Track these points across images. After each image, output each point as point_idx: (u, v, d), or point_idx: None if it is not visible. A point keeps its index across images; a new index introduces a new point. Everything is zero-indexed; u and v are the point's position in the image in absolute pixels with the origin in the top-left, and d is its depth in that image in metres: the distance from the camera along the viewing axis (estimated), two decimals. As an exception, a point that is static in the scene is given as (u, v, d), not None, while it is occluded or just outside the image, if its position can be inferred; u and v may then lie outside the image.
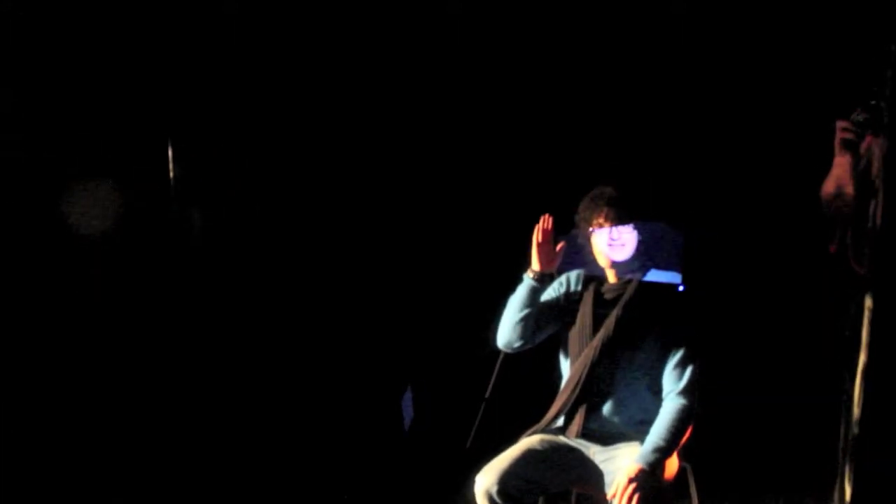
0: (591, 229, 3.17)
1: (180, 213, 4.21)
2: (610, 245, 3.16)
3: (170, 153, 4.16)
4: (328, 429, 4.36)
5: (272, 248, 4.32)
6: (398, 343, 4.39)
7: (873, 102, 2.75)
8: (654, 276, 3.17)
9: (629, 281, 3.18)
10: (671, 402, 3.07)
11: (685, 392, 3.06)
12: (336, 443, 4.31)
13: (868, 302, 2.43)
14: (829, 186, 2.92)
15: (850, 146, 2.78)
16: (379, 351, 4.41)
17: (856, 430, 2.46)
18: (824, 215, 2.93)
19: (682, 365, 3.09)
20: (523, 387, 3.87)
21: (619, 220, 3.15)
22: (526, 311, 3.19)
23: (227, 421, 4.26)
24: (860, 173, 2.85)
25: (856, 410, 2.43)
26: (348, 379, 4.40)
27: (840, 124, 2.76)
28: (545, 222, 3.14)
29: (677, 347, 3.10)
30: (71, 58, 4.10)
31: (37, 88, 4.08)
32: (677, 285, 3.17)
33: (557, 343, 3.31)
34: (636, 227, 3.16)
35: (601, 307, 3.19)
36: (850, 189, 2.78)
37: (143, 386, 4.23)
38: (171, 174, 4.16)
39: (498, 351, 3.54)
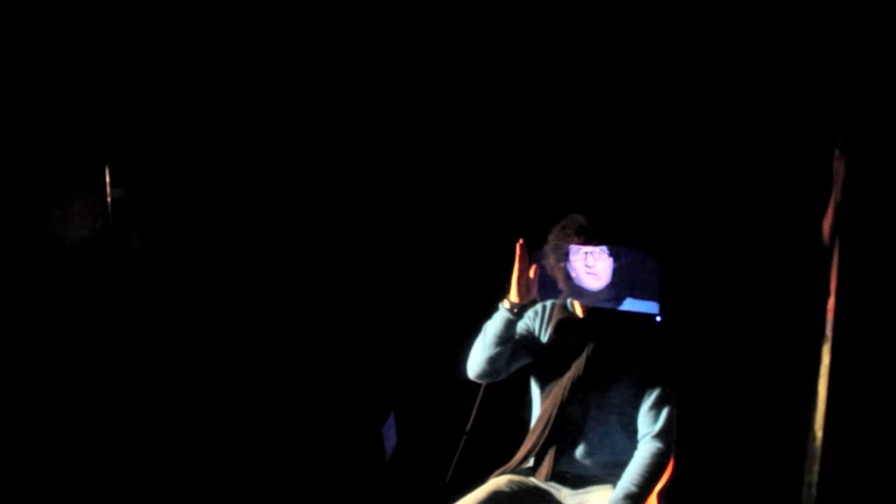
0: (562, 259, 2.96)
1: (118, 235, 4.09)
2: (587, 272, 2.95)
3: (107, 176, 4.04)
4: (299, 461, 4.21)
5: (216, 273, 4.17)
6: (374, 371, 4.22)
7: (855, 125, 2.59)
8: (630, 305, 2.94)
9: (603, 311, 2.96)
10: (646, 446, 2.87)
11: (661, 435, 2.86)
12: (309, 473, 4.17)
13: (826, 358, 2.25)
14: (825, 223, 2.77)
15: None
16: (354, 379, 4.25)
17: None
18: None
19: (657, 405, 2.88)
20: (506, 420, 3.69)
21: (591, 246, 2.94)
22: (500, 344, 2.99)
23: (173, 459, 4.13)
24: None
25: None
26: (322, 409, 4.24)
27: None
28: (521, 250, 2.93)
29: (653, 386, 2.89)
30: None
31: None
32: (654, 315, 2.94)
33: (525, 373, 3.11)
34: (610, 255, 2.95)
35: (573, 341, 2.98)
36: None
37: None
38: (109, 197, 4.04)
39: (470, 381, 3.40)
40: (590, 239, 2.93)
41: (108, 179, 4.03)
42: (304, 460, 4.19)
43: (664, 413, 2.87)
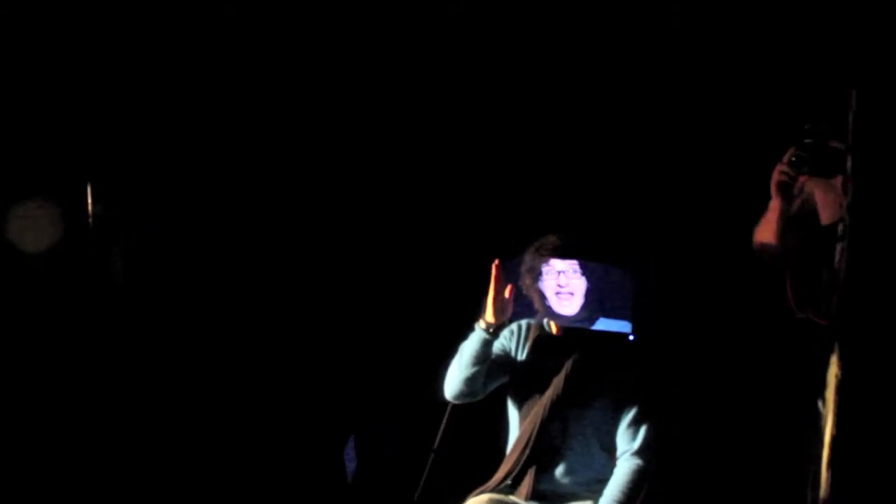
0: (537, 280, 3.02)
1: (99, 250, 4.03)
2: (557, 294, 3.01)
3: (89, 191, 3.98)
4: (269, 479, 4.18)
5: (197, 289, 4.13)
6: (342, 387, 4.21)
7: (807, 141, 2.65)
8: (603, 325, 3.01)
9: (578, 331, 3.02)
10: (625, 463, 2.94)
11: (640, 452, 2.93)
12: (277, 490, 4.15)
13: (835, 368, 2.30)
14: (758, 232, 2.82)
15: (785, 188, 2.68)
16: (322, 395, 4.24)
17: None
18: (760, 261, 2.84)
19: (636, 423, 2.95)
20: (474, 438, 3.72)
21: (564, 264, 3.01)
22: (477, 364, 3.03)
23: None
24: (794, 216, 2.75)
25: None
26: (290, 424, 4.22)
27: (778, 167, 2.67)
28: (497, 270, 2.97)
29: (631, 404, 2.96)
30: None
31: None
32: (627, 335, 3.01)
33: (501, 392, 3.15)
34: (583, 274, 3.01)
35: (550, 360, 3.04)
36: (772, 235, 2.69)
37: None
38: (90, 211, 3.98)
39: (446, 401, 3.43)
40: (563, 255, 2.99)
41: (93, 184, 3.97)
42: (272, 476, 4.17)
43: (643, 430, 2.94)
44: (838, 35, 3.47)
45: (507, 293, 2.99)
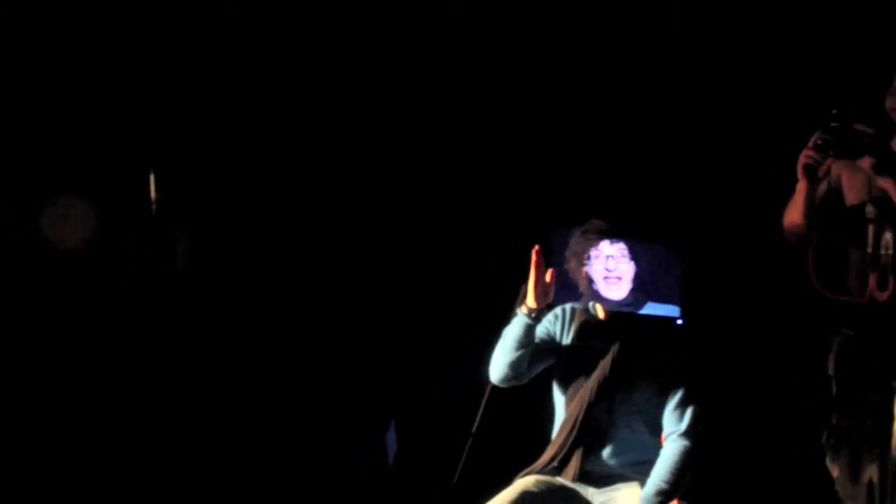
0: (584, 264, 3.04)
1: (161, 234, 4.05)
2: (605, 279, 3.03)
3: (151, 176, 4.00)
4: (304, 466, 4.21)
5: (254, 273, 4.16)
6: (381, 373, 4.24)
7: (834, 125, 2.68)
8: (651, 308, 3.03)
9: (625, 315, 3.05)
10: (673, 444, 2.96)
11: (687, 433, 2.96)
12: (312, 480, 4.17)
13: None
14: (787, 215, 2.86)
15: (811, 171, 2.72)
16: (359, 378, 4.26)
17: None
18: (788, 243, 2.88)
19: (682, 405, 2.98)
20: (512, 421, 3.75)
21: (612, 249, 3.03)
22: (520, 348, 3.05)
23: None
24: (821, 198, 2.78)
25: None
26: (328, 410, 4.25)
27: (804, 152, 2.70)
28: (537, 256, 3.00)
29: (677, 386, 2.99)
30: (52, 74, 3.94)
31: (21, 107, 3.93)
32: (675, 318, 3.04)
33: (548, 376, 3.18)
34: (631, 258, 3.03)
35: (596, 344, 3.06)
36: (800, 217, 2.73)
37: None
38: (153, 196, 4.00)
39: (484, 383, 3.44)
40: (612, 241, 3.01)
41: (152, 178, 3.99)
42: (310, 465, 4.18)
43: (689, 412, 2.97)
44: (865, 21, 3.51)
45: (548, 277, 3.01)
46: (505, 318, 3.13)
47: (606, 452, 3.02)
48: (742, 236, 3.80)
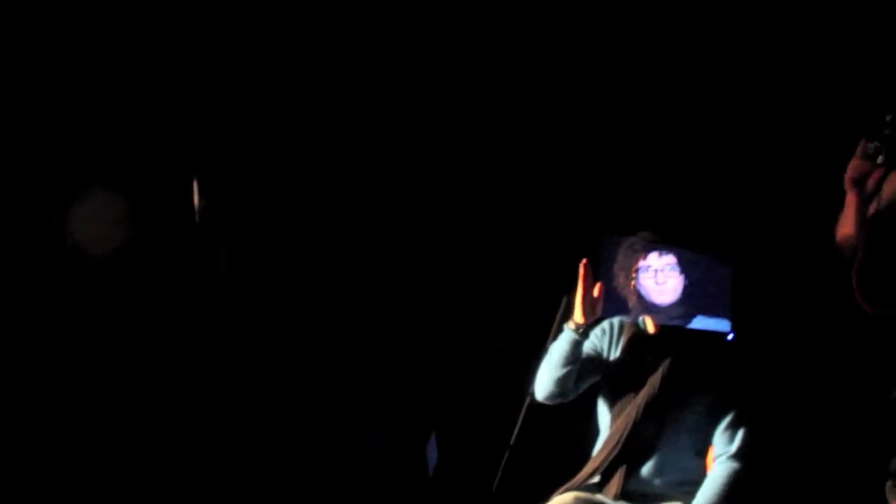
0: (632, 278, 2.94)
1: (203, 245, 4.02)
2: (656, 287, 2.93)
3: (195, 185, 3.97)
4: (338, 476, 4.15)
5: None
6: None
7: (887, 132, 2.56)
8: (701, 322, 2.92)
9: (675, 330, 2.94)
10: (722, 465, 2.86)
11: (738, 456, 2.85)
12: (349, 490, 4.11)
13: None
14: (839, 229, 2.74)
15: (859, 183, 2.60)
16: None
17: None
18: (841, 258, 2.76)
19: (734, 425, 2.87)
20: (551, 434, 3.66)
21: (661, 262, 2.93)
22: (567, 365, 2.96)
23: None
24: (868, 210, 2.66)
25: None
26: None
27: (851, 163, 2.58)
28: (585, 269, 2.90)
29: (728, 406, 2.88)
30: (98, 82, 3.93)
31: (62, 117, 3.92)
32: (726, 334, 2.92)
33: (591, 391, 3.09)
34: (681, 272, 2.93)
35: (646, 359, 2.96)
36: (850, 229, 2.61)
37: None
38: (196, 206, 3.96)
39: (524, 396, 3.36)
40: (659, 253, 2.91)
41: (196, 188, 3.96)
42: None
43: (741, 433, 2.86)
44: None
45: (595, 292, 2.92)
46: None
47: (650, 471, 2.91)
48: (795, 249, 3.68)
